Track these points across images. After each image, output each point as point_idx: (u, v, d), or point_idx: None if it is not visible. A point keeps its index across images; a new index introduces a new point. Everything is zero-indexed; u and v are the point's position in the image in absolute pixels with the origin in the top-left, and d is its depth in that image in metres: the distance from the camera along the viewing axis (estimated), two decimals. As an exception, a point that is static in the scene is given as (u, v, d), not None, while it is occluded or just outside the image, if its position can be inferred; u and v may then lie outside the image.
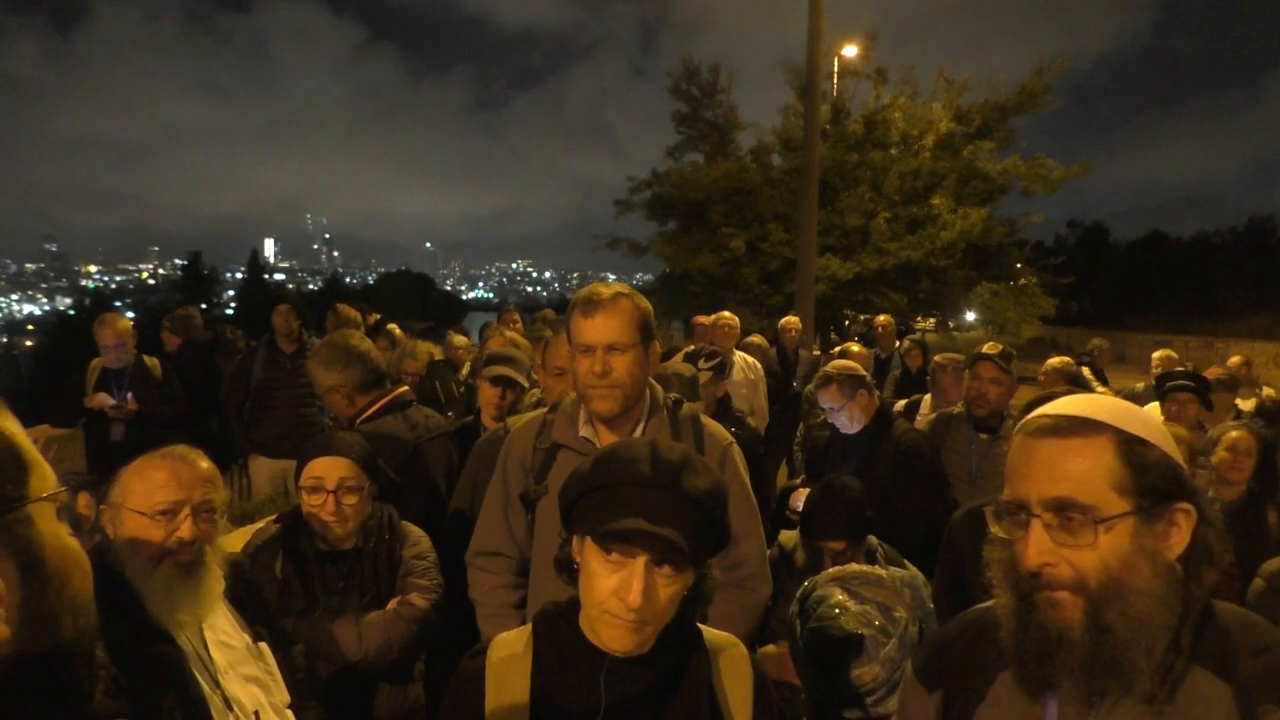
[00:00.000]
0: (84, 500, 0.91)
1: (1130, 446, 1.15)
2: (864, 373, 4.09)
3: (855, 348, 6.85)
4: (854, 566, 2.35)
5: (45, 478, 0.83)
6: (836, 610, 2.18)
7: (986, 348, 4.03)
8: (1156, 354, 7.50)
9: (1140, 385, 7.40)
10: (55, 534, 0.82)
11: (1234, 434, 3.71)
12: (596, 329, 2.16)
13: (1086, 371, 7.83)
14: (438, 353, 6.39)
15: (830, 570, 2.36)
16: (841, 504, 2.80)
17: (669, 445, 1.38)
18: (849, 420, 4.01)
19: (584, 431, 2.27)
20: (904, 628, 2.16)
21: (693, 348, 4.45)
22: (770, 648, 2.63)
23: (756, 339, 7.25)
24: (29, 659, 0.77)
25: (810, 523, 2.85)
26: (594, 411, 2.23)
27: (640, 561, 1.28)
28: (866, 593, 2.23)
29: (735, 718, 1.42)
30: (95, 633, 0.84)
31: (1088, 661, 1.12)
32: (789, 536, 3.07)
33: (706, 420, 2.38)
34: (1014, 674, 1.20)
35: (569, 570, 1.40)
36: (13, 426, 0.81)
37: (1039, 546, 1.15)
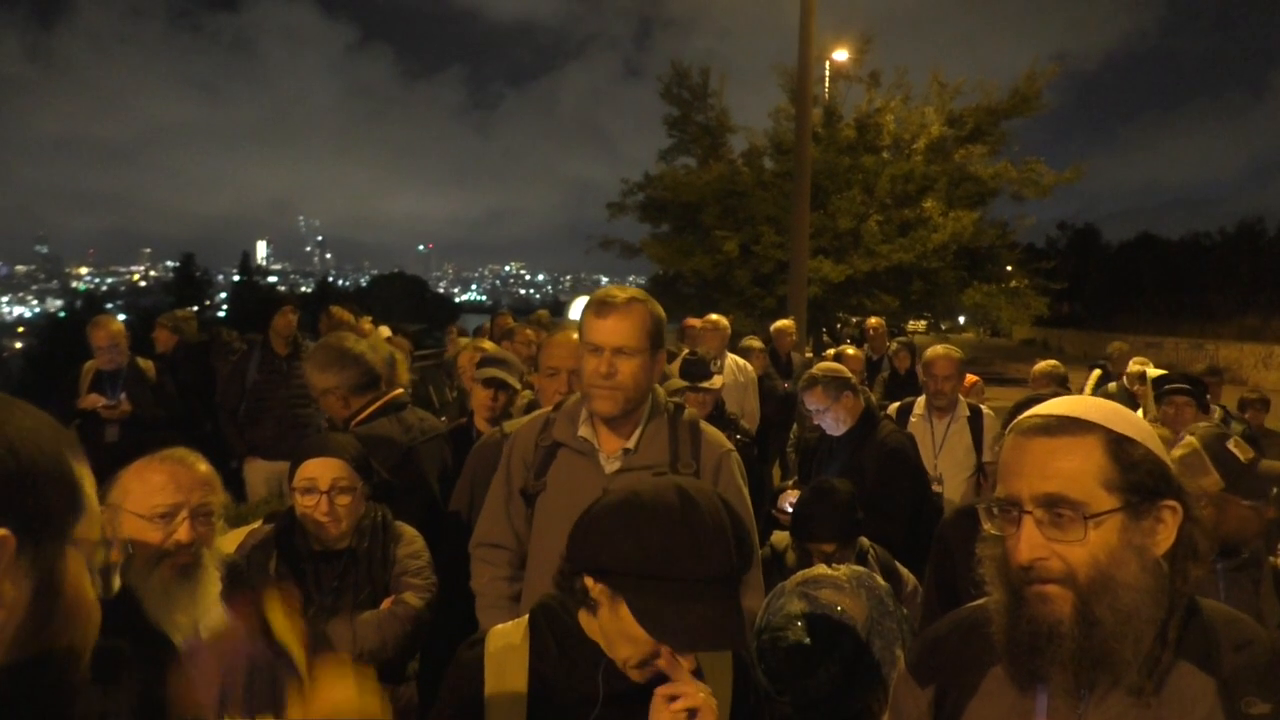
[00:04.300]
0: (115, 553, 0.91)
1: (1119, 445, 1.17)
2: (849, 375, 4.11)
3: (851, 350, 6.85)
4: (817, 569, 2.35)
5: (92, 526, 0.84)
6: (785, 623, 2.18)
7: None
8: (1093, 376, 7.78)
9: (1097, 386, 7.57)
10: (79, 577, 0.83)
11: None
12: (607, 330, 2.20)
13: (1095, 375, 8.00)
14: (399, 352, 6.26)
15: (796, 575, 2.36)
16: (831, 506, 2.80)
17: (699, 517, 1.34)
18: (834, 422, 4.03)
19: (583, 431, 2.30)
20: (857, 625, 2.16)
21: (688, 352, 4.46)
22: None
23: (754, 342, 7.19)
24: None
25: (800, 525, 2.87)
26: (594, 410, 2.27)
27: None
28: (824, 597, 2.22)
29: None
30: (79, 686, 0.84)
31: (1077, 654, 1.14)
32: (780, 537, 3.08)
33: (705, 426, 2.40)
34: (1005, 667, 1.22)
35: (571, 593, 1.42)
36: (85, 471, 0.83)
37: (1030, 541, 1.17)
